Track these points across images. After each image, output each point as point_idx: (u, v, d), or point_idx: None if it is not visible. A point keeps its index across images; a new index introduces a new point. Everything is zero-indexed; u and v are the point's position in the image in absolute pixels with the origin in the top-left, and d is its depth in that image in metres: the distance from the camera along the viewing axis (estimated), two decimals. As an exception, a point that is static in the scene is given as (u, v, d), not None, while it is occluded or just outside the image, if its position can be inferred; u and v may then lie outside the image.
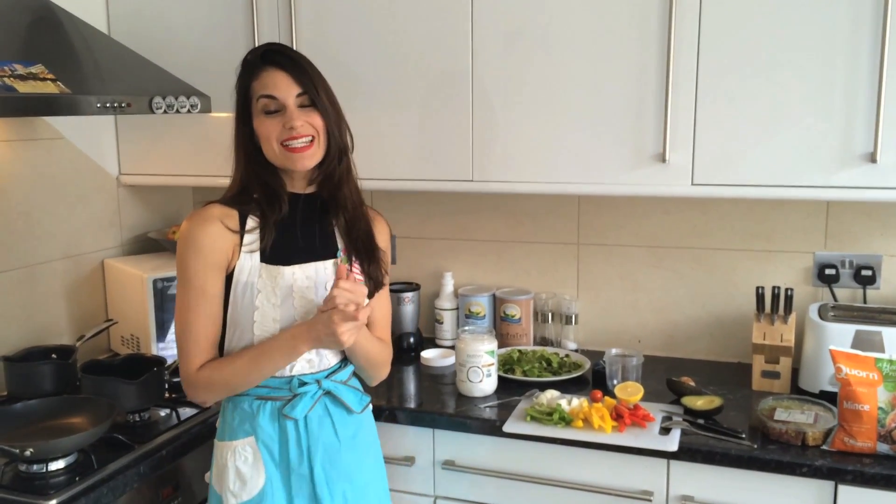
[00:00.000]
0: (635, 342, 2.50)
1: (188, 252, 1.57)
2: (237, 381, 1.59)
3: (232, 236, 1.58)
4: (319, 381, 1.62)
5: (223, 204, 1.62)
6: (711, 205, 2.37)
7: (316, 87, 1.57)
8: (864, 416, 1.73)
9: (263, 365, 1.57)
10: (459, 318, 2.56)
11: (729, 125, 1.97)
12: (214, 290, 1.57)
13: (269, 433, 1.60)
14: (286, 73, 1.56)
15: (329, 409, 1.64)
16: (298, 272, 1.59)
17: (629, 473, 1.90)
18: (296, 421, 1.60)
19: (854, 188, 1.90)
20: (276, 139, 1.56)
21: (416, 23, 2.17)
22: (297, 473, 1.61)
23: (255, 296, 1.57)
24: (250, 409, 1.62)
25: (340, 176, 1.63)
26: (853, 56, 1.85)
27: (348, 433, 1.66)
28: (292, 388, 1.61)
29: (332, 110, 1.59)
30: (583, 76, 2.06)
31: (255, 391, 1.61)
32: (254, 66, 1.59)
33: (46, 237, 2.32)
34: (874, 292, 2.25)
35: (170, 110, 2.06)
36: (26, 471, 1.67)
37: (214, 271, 1.57)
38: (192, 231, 1.57)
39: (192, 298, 1.57)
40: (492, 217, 2.59)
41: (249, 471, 1.60)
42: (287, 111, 1.55)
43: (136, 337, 2.40)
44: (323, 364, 1.64)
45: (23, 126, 2.24)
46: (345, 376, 1.69)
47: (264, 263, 1.58)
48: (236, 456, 1.61)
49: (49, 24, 2.03)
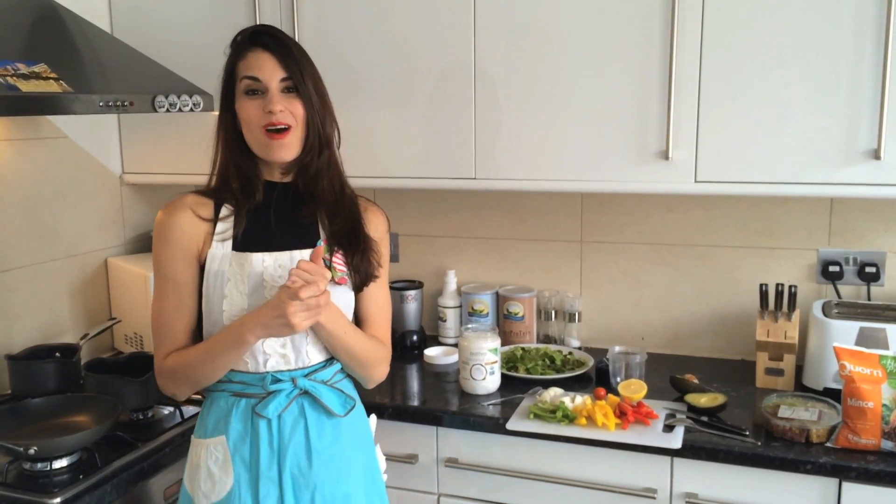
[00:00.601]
0: (639, 340, 2.49)
1: (159, 242, 1.56)
2: (196, 373, 1.53)
3: (203, 225, 1.55)
4: (295, 380, 1.53)
5: (198, 193, 1.59)
6: (715, 202, 2.36)
7: (302, 73, 1.51)
8: (869, 412, 1.73)
9: (217, 356, 1.50)
10: (463, 315, 2.56)
11: (732, 122, 1.96)
12: (184, 278, 1.54)
13: (241, 432, 1.53)
14: (273, 55, 1.50)
15: (306, 410, 1.54)
16: (269, 259, 1.53)
17: (633, 471, 1.89)
18: (269, 420, 1.52)
19: (858, 185, 1.90)
20: (258, 123, 1.51)
21: (418, 20, 2.17)
22: (267, 477, 1.51)
23: (225, 284, 1.52)
24: (226, 405, 1.55)
25: (318, 169, 1.57)
26: (857, 52, 1.85)
27: (325, 439, 1.55)
28: (265, 385, 1.52)
29: (316, 100, 1.53)
30: (586, 74, 2.06)
31: (230, 387, 1.55)
32: (241, 46, 1.54)
33: (50, 236, 2.32)
34: (878, 289, 2.25)
35: (172, 109, 2.07)
36: (30, 469, 1.68)
37: (184, 260, 1.54)
38: (163, 221, 1.56)
39: (162, 288, 1.55)
40: (495, 215, 2.59)
41: (219, 471, 1.53)
42: (269, 94, 1.50)
43: (139, 335, 2.40)
44: (301, 361, 1.55)
45: (26, 125, 2.24)
46: (327, 376, 1.58)
47: (234, 251, 1.54)
48: (209, 455, 1.54)
49: (52, 23, 2.03)
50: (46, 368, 2.08)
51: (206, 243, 1.54)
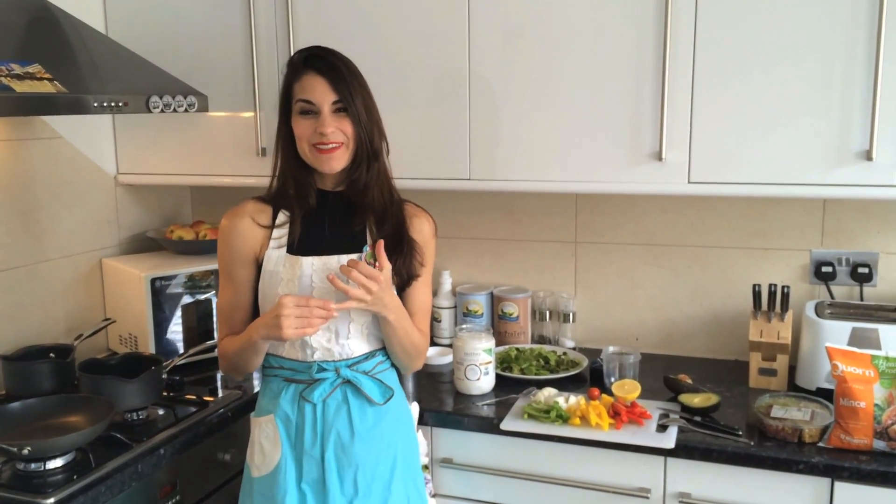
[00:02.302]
0: (633, 340, 2.50)
1: (221, 245, 1.74)
2: (236, 360, 1.71)
3: (261, 231, 1.70)
4: (338, 369, 1.67)
5: (258, 200, 1.75)
6: (708, 203, 2.37)
7: (352, 94, 1.64)
8: (861, 412, 1.74)
9: (244, 349, 1.67)
10: (457, 316, 2.57)
11: (725, 123, 1.97)
12: (242, 278, 1.72)
13: (289, 414, 1.68)
14: (325, 79, 1.63)
15: (349, 397, 1.68)
16: (317, 263, 1.66)
17: (626, 471, 1.90)
18: (314, 405, 1.66)
19: (850, 186, 1.91)
20: (308, 140, 1.65)
21: (413, 21, 2.17)
22: (310, 455, 1.66)
23: (278, 284, 1.67)
24: (277, 388, 1.71)
25: (368, 181, 1.70)
26: (849, 54, 1.86)
27: (367, 422, 1.69)
28: (311, 373, 1.67)
29: (365, 119, 1.66)
30: (580, 74, 2.06)
31: (282, 373, 1.71)
32: (297, 68, 1.67)
33: (44, 236, 2.32)
34: (871, 290, 2.26)
35: (167, 109, 2.07)
36: (24, 469, 1.67)
37: (242, 263, 1.71)
38: (224, 226, 1.73)
39: (224, 284, 1.75)
40: (489, 215, 2.59)
41: (269, 446, 1.69)
42: (321, 116, 1.63)
43: (134, 336, 2.40)
44: (344, 353, 1.68)
45: (20, 125, 2.24)
46: (368, 367, 1.71)
47: (288, 254, 1.68)
48: (261, 431, 1.71)
49: (46, 24, 2.02)
50: (40, 369, 2.07)
51: (264, 247, 1.71)
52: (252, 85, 2.32)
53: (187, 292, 2.39)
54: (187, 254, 2.54)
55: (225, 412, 2.04)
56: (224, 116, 2.40)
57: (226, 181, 2.47)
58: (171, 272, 2.36)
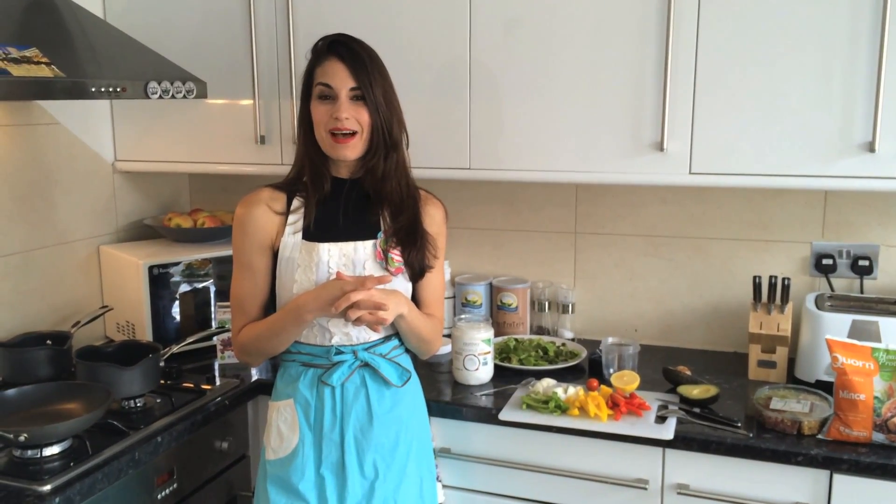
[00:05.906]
0: (632, 331, 2.50)
1: (237, 233, 1.74)
2: (263, 345, 1.72)
3: (276, 217, 1.71)
4: (356, 352, 1.70)
5: (273, 187, 1.75)
6: (709, 194, 2.36)
7: (372, 83, 1.65)
8: (860, 405, 1.74)
9: (279, 332, 1.69)
10: (456, 306, 2.56)
11: (727, 114, 1.96)
12: (258, 265, 1.72)
13: (307, 398, 1.70)
14: (345, 65, 1.64)
15: (367, 380, 1.71)
16: (334, 249, 1.68)
17: (625, 462, 1.90)
18: (333, 388, 1.69)
19: (852, 178, 1.90)
20: (324, 126, 1.66)
21: (414, 9, 2.16)
22: (329, 439, 1.68)
23: (295, 270, 1.68)
24: (295, 373, 1.73)
25: (386, 171, 1.71)
26: (852, 45, 1.84)
27: (385, 405, 1.71)
28: (330, 357, 1.70)
29: (384, 108, 1.67)
30: (581, 64, 2.05)
31: (300, 357, 1.73)
32: (320, 52, 1.68)
33: (41, 223, 2.31)
34: (871, 282, 2.25)
35: (165, 95, 2.05)
36: (21, 456, 1.67)
37: (258, 250, 1.71)
38: (240, 214, 1.73)
39: (240, 272, 1.75)
40: (489, 206, 2.59)
41: (287, 430, 1.71)
42: (338, 102, 1.64)
43: (131, 323, 2.39)
44: (362, 337, 1.71)
45: (17, 111, 2.23)
46: (385, 350, 1.74)
47: (304, 241, 1.69)
48: (279, 415, 1.73)
49: (44, 8, 2.01)
50: (38, 356, 2.07)
51: (279, 233, 1.71)
52: (251, 72, 2.31)
53: (185, 280, 2.39)
54: (185, 242, 2.53)
55: (222, 400, 2.03)
56: (223, 103, 2.38)
57: (224, 169, 2.46)
58: (168, 260, 2.35)
